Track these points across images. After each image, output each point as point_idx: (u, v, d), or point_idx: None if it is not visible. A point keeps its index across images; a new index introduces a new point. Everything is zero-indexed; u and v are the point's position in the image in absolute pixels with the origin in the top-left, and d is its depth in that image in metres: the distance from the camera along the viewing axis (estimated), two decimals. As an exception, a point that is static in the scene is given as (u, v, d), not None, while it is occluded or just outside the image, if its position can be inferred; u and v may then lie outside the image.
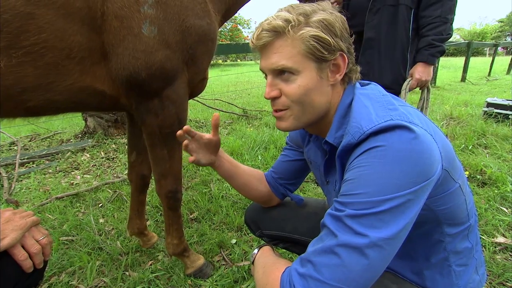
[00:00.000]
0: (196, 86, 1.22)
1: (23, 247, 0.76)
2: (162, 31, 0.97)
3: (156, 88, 1.06)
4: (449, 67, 11.79)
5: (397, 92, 1.57)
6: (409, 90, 1.56)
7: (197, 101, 4.57)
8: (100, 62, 1.01)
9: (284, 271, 0.59)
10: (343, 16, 0.68)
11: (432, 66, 1.54)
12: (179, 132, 0.84)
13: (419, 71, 1.53)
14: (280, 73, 0.66)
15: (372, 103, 0.63)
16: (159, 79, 1.04)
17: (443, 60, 13.97)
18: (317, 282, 0.52)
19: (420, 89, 1.63)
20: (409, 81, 1.55)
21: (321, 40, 0.62)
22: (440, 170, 0.59)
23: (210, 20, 1.07)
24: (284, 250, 1.35)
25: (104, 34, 0.95)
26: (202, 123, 4.30)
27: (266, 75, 0.70)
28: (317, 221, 0.91)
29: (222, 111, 4.61)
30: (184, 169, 2.65)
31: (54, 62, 0.96)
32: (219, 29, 1.46)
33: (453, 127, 3.47)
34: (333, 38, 0.63)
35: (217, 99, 5.33)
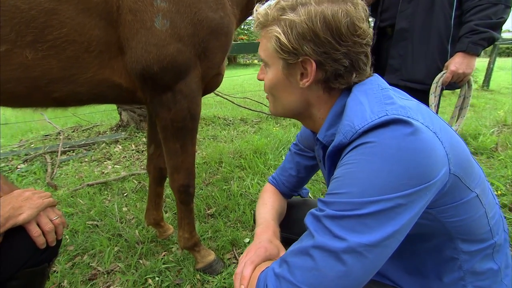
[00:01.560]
0: (210, 81, 1.23)
1: (38, 225, 0.81)
2: (174, 24, 0.98)
3: (169, 81, 1.07)
4: (508, 68, 10.65)
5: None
6: (443, 85, 1.37)
7: (227, 99, 4.62)
8: (117, 56, 1.05)
9: (263, 270, 0.56)
10: (337, 15, 0.57)
11: (474, 57, 1.31)
12: None
13: (456, 62, 1.32)
14: (264, 62, 0.68)
15: (368, 99, 0.57)
16: (171, 73, 1.05)
17: (501, 61, 12.52)
18: (289, 284, 0.48)
19: (458, 84, 1.41)
20: (443, 74, 1.36)
21: (279, 42, 0.59)
22: (445, 174, 0.52)
23: (224, 13, 1.06)
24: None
25: (120, 28, 0.99)
26: (230, 121, 4.34)
27: None
28: None
29: (251, 109, 4.62)
30: (206, 165, 2.69)
31: (75, 56, 1.01)
32: (244, 22, 1.44)
33: (507, 135, 3.15)
34: (296, 41, 0.58)
35: (246, 98, 5.36)
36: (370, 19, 1.65)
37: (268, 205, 0.92)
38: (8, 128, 4.54)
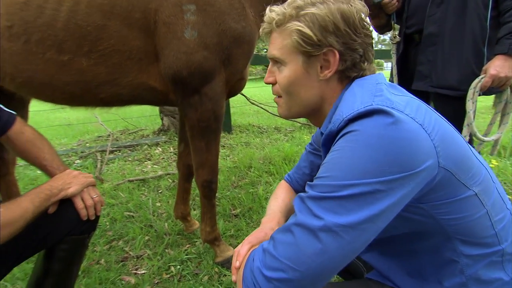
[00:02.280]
0: (234, 85, 1.34)
1: (82, 200, 0.97)
2: (201, 34, 1.11)
3: (196, 85, 1.20)
4: None
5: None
6: (482, 90, 1.28)
7: (262, 108, 4.75)
8: (153, 62, 1.21)
9: (256, 248, 0.61)
10: (350, 11, 0.62)
11: None
12: None
13: (497, 66, 1.22)
14: (276, 62, 0.69)
15: (361, 92, 0.60)
16: (198, 77, 1.18)
17: None
18: (271, 258, 0.52)
19: (499, 89, 1.31)
20: (481, 78, 1.26)
21: (303, 34, 0.61)
22: (431, 166, 0.53)
23: (246, 24, 1.17)
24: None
25: (156, 39, 1.14)
26: (264, 129, 4.45)
27: None
28: None
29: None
30: (236, 169, 2.81)
31: (119, 62, 1.19)
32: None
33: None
34: (321, 33, 0.61)
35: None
36: (397, 26, 1.63)
37: (279, 200, 0.97)
38: (70, 129, 5.14)
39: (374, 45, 0.71)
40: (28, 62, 1.14)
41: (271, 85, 0.73)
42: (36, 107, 1.73)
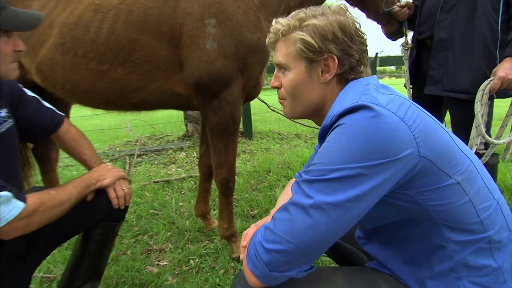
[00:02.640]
0: (251, 91, 1.45)
1: (114, 191, 1.10)
2: (221, 45, 1.24)
3: (216, 90, 1.32)
4: None
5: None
6: (492, 92, 1.30)
7: (282, 114, 4.83)
8: (178, 70, 1.35)
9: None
10: (346, 21, 0.71)
11: None
12: None
13: (506, 68, 1.25)
14: (281, 67, 0.77)
15: (352, 91, 0.68)
16: (217, 83, 1.30)
17: None
18: (270, 232, 0.61)
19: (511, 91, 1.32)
20: (490, 81, 1.29)
21: (306, 43, 0.70)
22: (412, 155, 0.59)
23: (261, 34, 1.28)
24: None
25: (180, 50, 1.28)
26: (284, 135, 4.53)
27: None
28: None
29: (305, 125, 4.73)
30: (255, 173, 2.90)
31: (149, 71, 1.34)
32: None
33: None
34: (321, 41, 0.70)
35: (303, 115, 5.49)
36: (410, 33, 1.67)
37: (288, 194, 1.05)
38: (102, 134, 5.50)
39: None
40: (75, 72, 1.32)
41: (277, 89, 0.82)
42: (72, 114, 1.95)
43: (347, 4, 1.54)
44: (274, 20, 0.77)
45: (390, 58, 4.00)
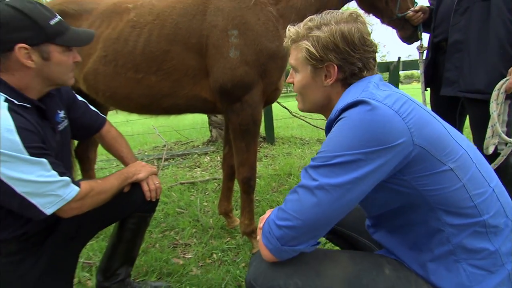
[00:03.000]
0: (270, 95, 1.55)
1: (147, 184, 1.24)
2: (243, 53, 1.36)
3: (238, 94, 1.44)
4: None
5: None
6: (508, 91, 1.30)
7: (305, 121, 4.89)
8: (204, 77, 1.49)
9: None
10: (350, 31, 0.77)
11: None
12: None
13: None
14: (294, 68, 0.88)
15: (354, 89, 0.77)
16: (240, 88, 1.42)
17: None
18: (282, 211, 0.71)
19: None
20: (506, 80, 1.30)
21: (309, 52, 0.79)
22: (406, 143, 0.66)
23: (279, 43, 1.39)
24: (326, 241, 1.44)
25: (207, 59, 1.42)
26: (306, 140, 4.58)
27: None
28: (359, 216, 1.04)
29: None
30: (277, 176, 2.99)
31: (178, 78, 1.49)
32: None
33: None
34: (322, 51, 0.78)
35: (325, 119, 5.51)
36: (425, 35, 1.70)
37: None
38: (132, 140, 5.84)
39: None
40: (115, 81, 1.50)
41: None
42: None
43: (361, 11, 1.61)
44: (288, 26, 0.88)
45: (415, 62, 3.93)
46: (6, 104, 0.87)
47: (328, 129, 0.80)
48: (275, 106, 4.95)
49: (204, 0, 1.44)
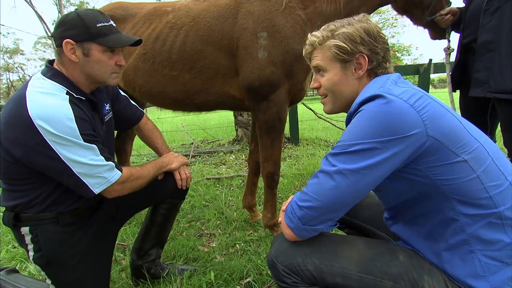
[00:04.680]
0: (295, 94, 1.62)
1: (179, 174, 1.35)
2: (271, 54, 1.44)
3: (265, 93, 1.52)
4: None
5: None
6: None
7: (330, 122, 4.89)
8: (234, 76, 1.58)
9: None
10: (369, 27, 0.86)
11: None
12: None
13: None
14: (319, 70, 0.94)
15: (373, 85, 0.83)
16: (267, 87, 1.50)
17: None
18: (303, 193, 0.79)
19: None
20: None
21: (339, 47, 0.86)
22: (419, 134, 0.71)
23: (306, 45, 1.45)
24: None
25: (236, 59, 1.51)
26: (331, 142, 4.57)
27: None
28: (378, 211, 1.09)
29: (352, 134, 4.71)
30: (300, 175, 3.04)
31: (210, 77, 1.60)
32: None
33: None
34: (352, 44, 0.85)
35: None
36: (454, 36, 1.68)
37: None
38: (161, 137, 6.12)
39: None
40: (151, 77, 1.64)
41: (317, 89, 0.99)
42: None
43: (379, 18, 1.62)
44: (309, 34, 0.95)
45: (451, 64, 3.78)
46: (67, 96, 1.01)
47: (348, 121, 0.86)
48: (300, 107, 5.01)
49: (236, 4, 1.54)
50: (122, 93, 1.40)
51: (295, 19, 1.47)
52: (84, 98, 1.08)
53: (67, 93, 1.02)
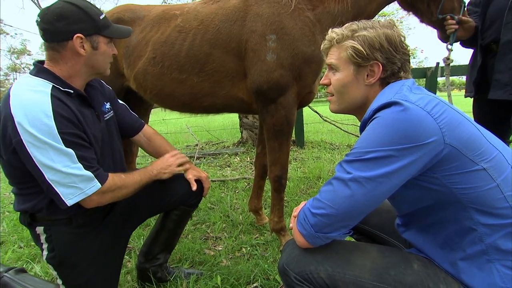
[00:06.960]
0: (304, 97, 1.61)
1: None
2: (279, 57, 1.43)
3: (273, 96, 1.51)
4: None
5: None
6: None
7: (335, 125, 4.86)
8: (242, 79, 1.58)
9: None
10: (392, 34, 0.83)
11: None
12: None
13: None
14: (332, 68, 0.91)
15: (389, 91, 0.81)
16: (275, 90, 1.49)
17: None
18: (316, 200, 0.77)
19: None
20: None
21: (356, 49, 0.84)
22: (437, 142, 0.69)
23: (315, 47, 1.44)
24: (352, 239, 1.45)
25: (245, 61, 1.51)
26: (336, 145, 4.55)
27: None
28: (389, 218, 1.08)
29: (359, 136, 4.68)
30: (306, 179, 3.02)
31: (218, 80, 1.59)
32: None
33: None
34: (369, 49, 0.83)
35: (355, 125, 5.43)
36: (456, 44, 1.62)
37: None
38: (166, 138, 6.10)
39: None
40: (160, 80, 1.64)
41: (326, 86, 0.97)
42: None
43: (393, 19, 1.59)
44: (330, 30, 0.92)
45: (456, 68, 3.72)
46: (49, 91, 0.95)
47: (362, 128, 0.84)
48: (305, 110, 4.98)
49: (245, 6, 1.54)
50: (120, 101, 1.38)
51: (304, 21, 1.46)
52: (72, 91, 1.03)
53: (53, 87, 0.98)
